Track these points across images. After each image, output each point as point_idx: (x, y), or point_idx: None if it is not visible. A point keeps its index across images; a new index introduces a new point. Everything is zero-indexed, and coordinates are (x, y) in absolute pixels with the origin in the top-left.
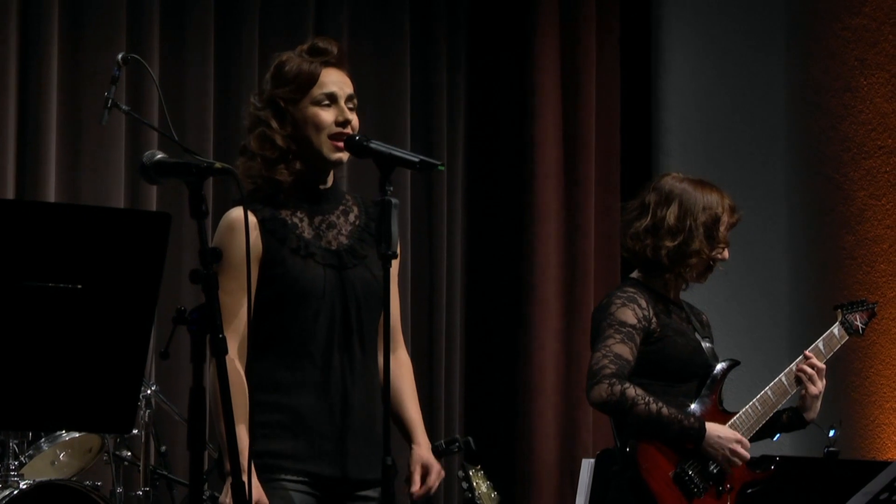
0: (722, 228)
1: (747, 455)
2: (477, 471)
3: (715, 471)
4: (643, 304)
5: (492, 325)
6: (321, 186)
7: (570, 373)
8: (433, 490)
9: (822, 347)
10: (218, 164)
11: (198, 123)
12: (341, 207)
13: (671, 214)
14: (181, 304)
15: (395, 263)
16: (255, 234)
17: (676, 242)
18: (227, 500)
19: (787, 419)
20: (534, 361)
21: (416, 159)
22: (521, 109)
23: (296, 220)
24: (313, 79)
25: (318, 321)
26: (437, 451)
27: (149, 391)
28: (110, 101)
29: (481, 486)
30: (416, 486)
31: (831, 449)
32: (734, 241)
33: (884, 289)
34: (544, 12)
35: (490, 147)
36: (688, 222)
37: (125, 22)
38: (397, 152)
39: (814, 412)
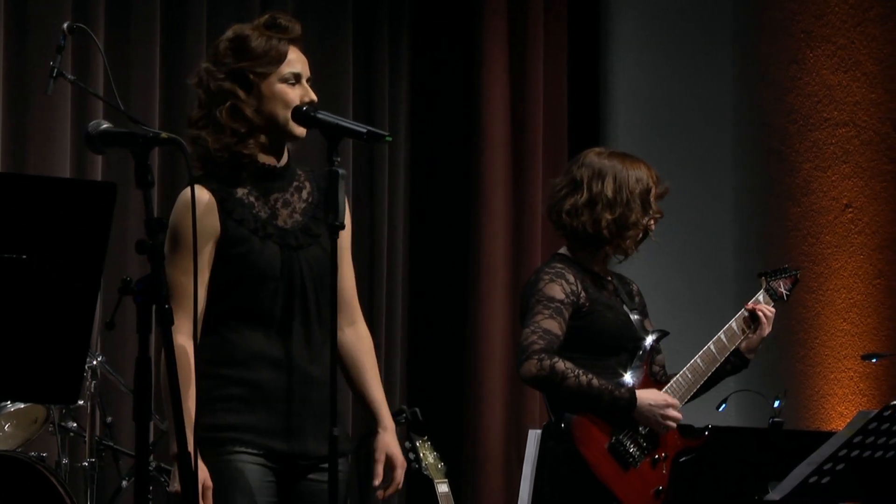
0: (652, 200)
1: (679, 416)
2: (424, 441)
3: (648, 440)
4: (571, 279)
5: (437, 296)
6: (277, 164)
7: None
8: (400, 486)
9: (743, 317)
10: (164, 134)
11: (143, 93)
12: (295, 184)
13: (608, 188)
14: (127, 275)
15: (346, 234)
16: (213, 214)
17: (615, 215)
18: (177, 487)
19: (728, 365)
20: (481, 332)
21: (364, 130)
22: (468, 85)
23: (252, 198)
24: (282, 56)
25: (276, 300)
26: None
27: (94, 362)
28: (56, 71)
29: (428, 456)
30: (378, 480)
31: (776, 419)
32: (680, 213)
33: (829, 260)
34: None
35: (435, 122)
36: (624, 194)
37: None
38: (345, 123)
39: (754, 353)
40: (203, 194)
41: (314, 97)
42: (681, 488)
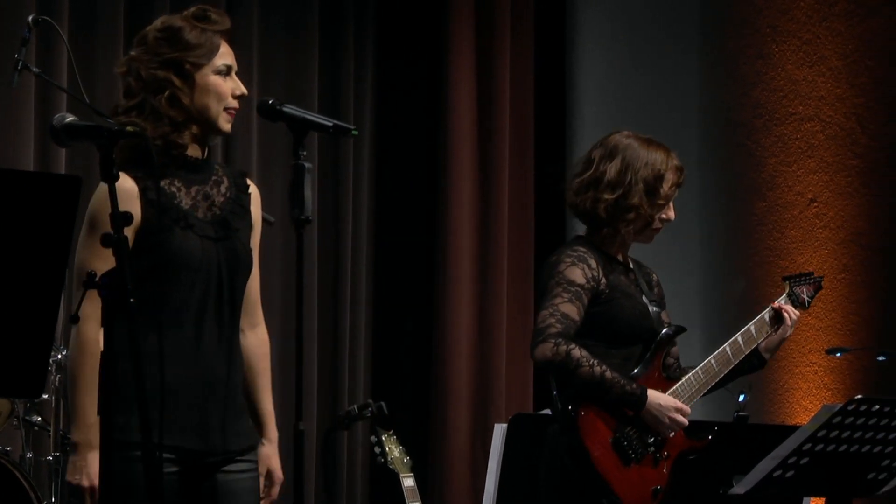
0: (665, 186)
1: (685, 422)
2: (389, 436)
3: (653, 438)
4: (593, 264)
5: (402, 290)
6: (198, 156)
7: (484, 337)
8: (273, 501)
9: (767, 318)
10: (129, 128)
11: (108, 86)
12: (213, 178)
13: (612, 168)
14: (91, 268)
15: (256, 233)
16: (134, 202)
17: (615, 196)
18: (77, 479)
19: (748, 367)
20: (446, 326)
21: (330, 123)
22: (434, 82)
23: (174, 189)
24: (216, 48)
25: (192, 292)
26: (348, 417)
27: (59, 356)
28: (21, 64)
29: (394, 451)
30: (262, 492)
31: (741, 413)
32: None
33: (794, 255)
34: None
35: (401, 118)
36: (628, 176)
37: None
38: (311, 116)
39: (773, 354)
40: (126, 182)
41: (245, 91)
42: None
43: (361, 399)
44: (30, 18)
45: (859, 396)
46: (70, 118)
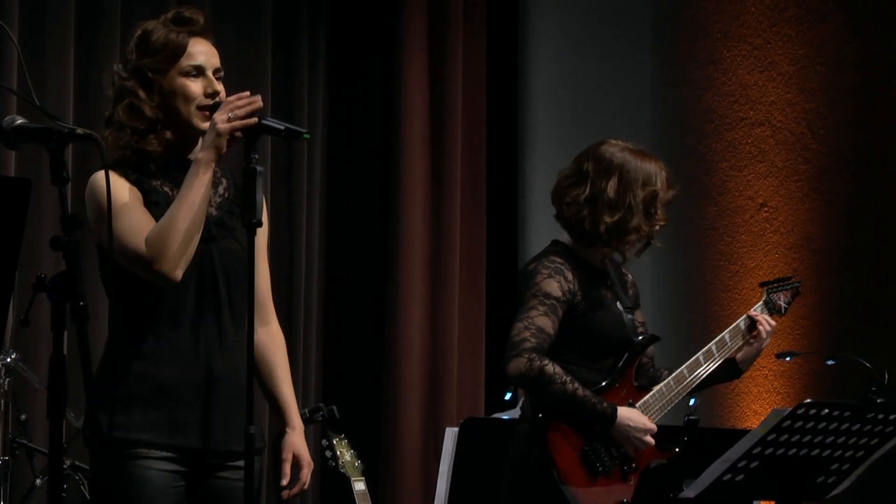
0: (659, 206)
1: (652, 442)
2: (341, 439)
3: (621, 452)
4: (569, 276)
5: (354, 294)
6: (191, 157)
7: (435, 342)
8: (306, 486)
9: (742, 327)
10: (80, 130)
11: (58, 89)
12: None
13: (611, 188)
14: (41, 271)
15: (263, 234)
16: (129, 189)
17: (615, 219)
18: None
19: (719, 371)
20: (398, 330)
21: (282, 127)
22: (387, 85)
23: (166, 189)
24: (181, 49)
25: (188, 292)
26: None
27: (8, 359)
28: None
29: (345, 454)
30: (285, 480)
31: (691, 417)
32: None
33: (744, 259)
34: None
35: (354, 121)
36: (628, 198)
37: None
38: (263, 120)
39: (750, 364)
40: (123, 180)
41: (218, 88)
42: None
43: (313, 403)
44: None
45: (808, 400)
46: (20, 120)
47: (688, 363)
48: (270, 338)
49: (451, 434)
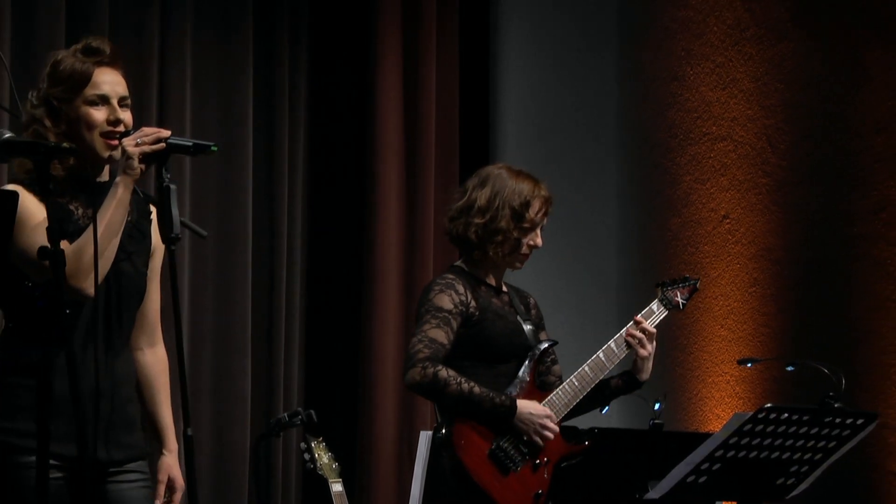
0: (531, 212)
1: (556, 428)
2: (319, 443)
3: (529, 446)
4: (461, 289)
5: (333, 303)
6: (98, 180)
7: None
8: None
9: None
10: (65, 144)
11: None
12: None
13: (483, 195)
14: (28, 281)
15: (158, 258)
16: (38, 206)
17: (484, 220)
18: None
19: (621, 384)
20: (374, 338)
21: (190, 143)
22: (363, 97)
23: (72, 207)
24: (86, 79)
25: (81, 310)
26: (279, 424)
27: None
28: None
29: (323, 457)
30: (159, 500)
31: (656, 421)
32: (566, 222)
33: (707, 269)
34: (385, 6)
35: (332, 133)
36: (496, 202)
37: None
38: (171, 139)
39: (646, 373)
40: (33, 197)
41: (121, 116)
42: (565, 487)
43: (294, 407)
44: None
45: (769, 405)
46: (8, 135)
47: (588, 362)
48: (157, 359)
49: (424, 437)
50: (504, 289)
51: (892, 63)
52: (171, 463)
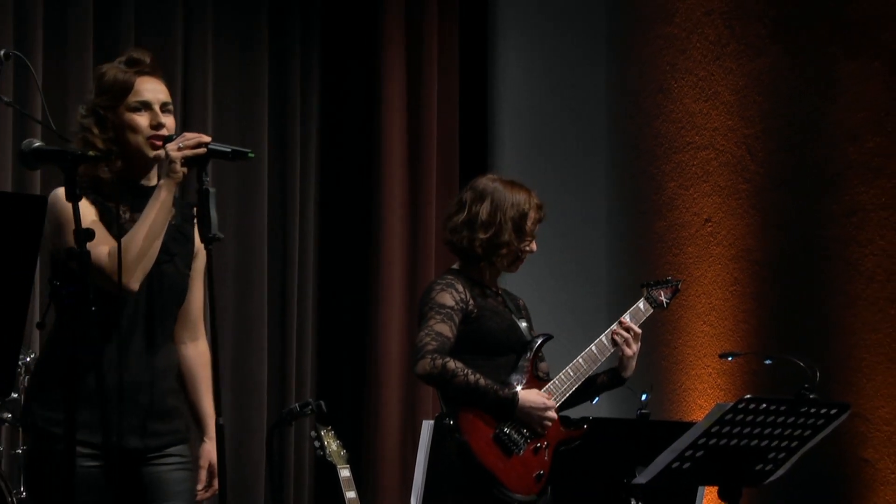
0: (529, 223)
1: (554, 417)
2: (328, 431)
3: (530, 430)
4: (460, 288)
5: (343, 302)
6: (144, 183)
7: (412, 344)
8: (216, 491)
9: (628, 319)
10: (92, 152)
11: (77, 111)
12: None
13: (484, 210)
14: (56, 280)
15: (201, 259)
16: (89, 207)
17: (488, 235)
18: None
19: (606, 380)
20: (380, 335)
21: (229, 149)
22: (370, 112)
23: (120, 211)
24: (128, 87)
25: (125, 309)
26: (291, 414)
27: (27, 358)
28: None
29: (332, 444)
30: (201, 485)
31: (643, 411)
32: (558, 225)
33: (691, 269)
34: (390, 23)
35: (342, 144)
36: (498, 217)
37: (11, 19)
38: (211, 145)
39: (629, 371)
40: (84, 199)
41: (163, 121)
42: (559, 472)
43: (306, 398)
44: (1, 53)
45: (748, 396)
46: (37, 143)
47: (582, 354)
48: (198, 353)
49: (427, 427)
50: (498, 290)
51: (863, 77)
52: (210, 449)
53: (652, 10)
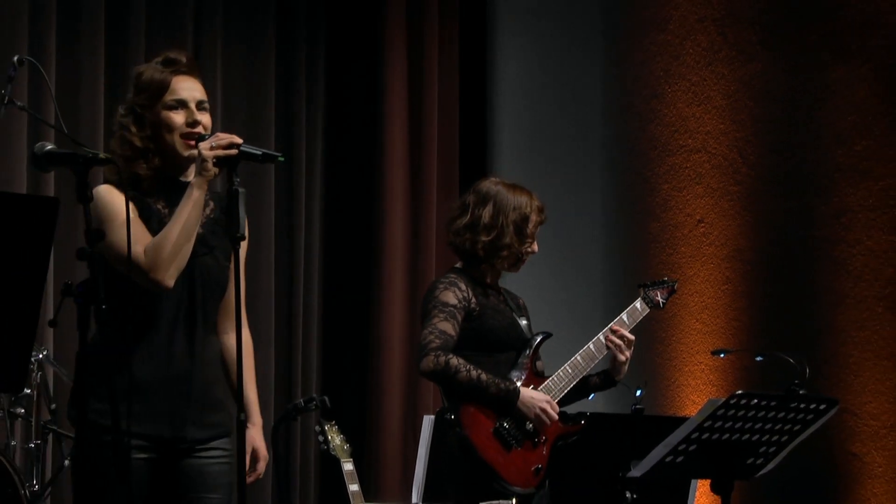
0: (530, 226)
1: (555, 415)
2: (332, 426)
3: (530, 425)
4: (462, 287)
5: (347, 301)
6: (181, 179)
7: (414, 341)
8: (260, 477)
9: (625, 319)
10: (102, 155)
11: (90, 115)
12: None
13: (486, 213)
14: (68, 279)
15: (242, 250)
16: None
17: (490, 238)
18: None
19: (599, 381)
20: (382, 333)
21: (259, 152)
22: (373, 114)
23: (159, 206)
24: (164, 86)
25: (168, 302)
26: (296, 409)
27: (40, 356)
28: (6, 99)
29: (335, 439)
30: (246, 469)
31: (638, 406)
32: (556, 226)
33: (684, 268)
34: (391, 28)
35: (345, 147)
36: (500, 220)
37: (26, 24)
38: (243, 147)
39: (622, 375)
40: (122, 196)
41: (198, 118)
42: (556, 466)
43: (311, 394)
44: (15, 59)
45: (740, 392)
46: (49, 146)
47: (580, 352)
48: (241, 342)
49: (427, 422)
50: (499, 289)
51: (851, 81)
52: (255, 435)
53: (647, 18)
